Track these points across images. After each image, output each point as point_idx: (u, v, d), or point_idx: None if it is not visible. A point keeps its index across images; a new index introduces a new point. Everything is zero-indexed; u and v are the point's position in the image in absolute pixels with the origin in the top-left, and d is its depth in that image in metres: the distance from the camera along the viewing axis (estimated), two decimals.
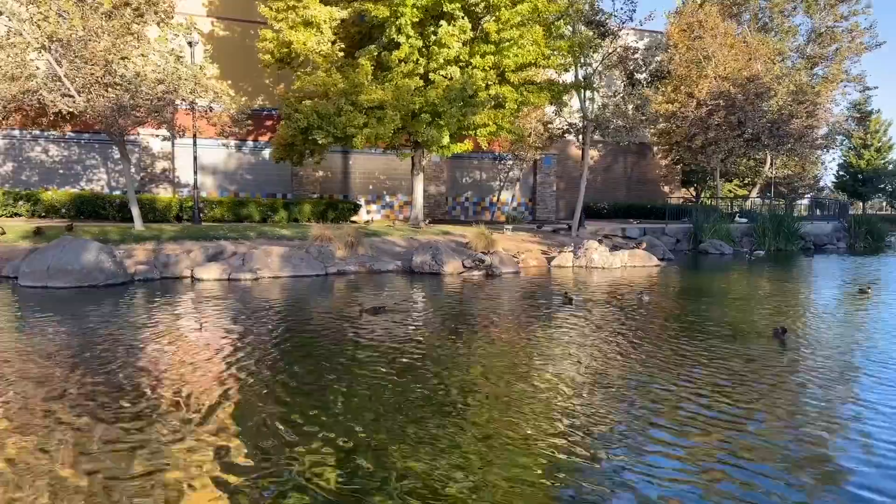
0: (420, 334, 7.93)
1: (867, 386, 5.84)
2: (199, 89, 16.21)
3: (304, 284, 12.55)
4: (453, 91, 18.13)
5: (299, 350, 7.02)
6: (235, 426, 4.60)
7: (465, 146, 20.39)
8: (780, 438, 4.51)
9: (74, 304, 9.83)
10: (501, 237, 18.77)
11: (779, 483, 3.79)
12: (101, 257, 11.95)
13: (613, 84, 26.35)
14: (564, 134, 25.34)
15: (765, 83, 26.33)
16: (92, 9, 14.73)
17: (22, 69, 14.47)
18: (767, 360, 6.73)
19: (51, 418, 4.68)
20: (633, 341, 7.55)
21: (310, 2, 18.27)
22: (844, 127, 41.25)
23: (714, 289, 13.15)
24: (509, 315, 9.57)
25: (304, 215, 22.36)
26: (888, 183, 52.73)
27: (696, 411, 5.03)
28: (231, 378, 5.80)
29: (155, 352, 6.77)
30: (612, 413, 4.99)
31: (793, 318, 9.31)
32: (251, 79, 25.20)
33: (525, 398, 5.32)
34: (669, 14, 33.73)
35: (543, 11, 18.94)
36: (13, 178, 22.61)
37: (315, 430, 4.52)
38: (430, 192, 27.39)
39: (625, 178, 35.30)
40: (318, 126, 18.27)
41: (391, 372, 6.05)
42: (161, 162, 23.84)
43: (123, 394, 5.28)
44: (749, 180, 40.07)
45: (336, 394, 5.37)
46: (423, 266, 14.62)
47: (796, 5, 36.07)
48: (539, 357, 6.85)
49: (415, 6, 17.82)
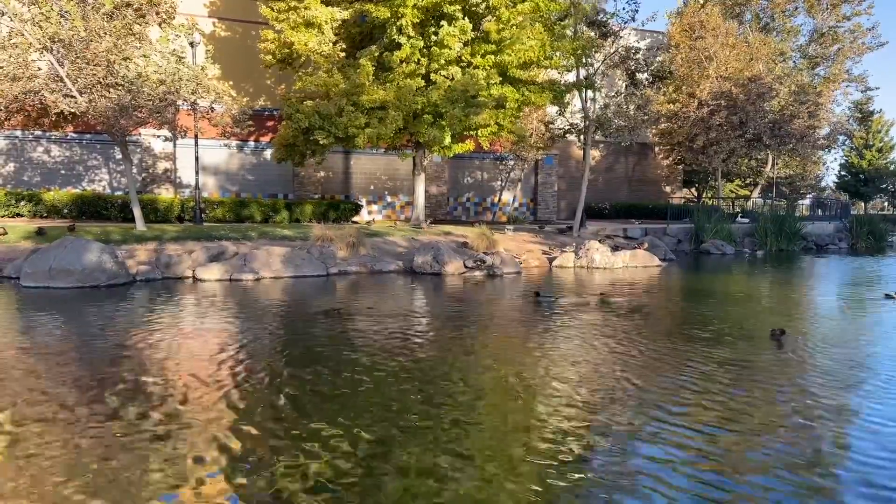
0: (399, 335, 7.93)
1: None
2: (201, 90, 16.22)
3: (306, 285, 12.55)
4: (455, 91, 18.13)
5: (299, 350, 7.01)
6: (235, 426, 4.60)
7: (467, 146, 20.39)
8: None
9: (76, 305, 9.84)
10: (503, 237, 18.76)
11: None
12: (102, 258, 11.96)
13: (615, 84, 26.32)
14: (566, 134, 25.32)
15: (766, 83, 26.31)
16: (93, 9, 14.75)
17: (24, 70, 14.49)
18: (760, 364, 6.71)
19: (50, 418, 4.68)
20: (623, 343, 7.52)
21: (311, 2, 18.28)
22: (846, 127, 41.23)
23: (718, 289, 13.13)
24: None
25: (306, 216, 22.36)
26: (890, 183, 52.63)
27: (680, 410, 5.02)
28: (230, 378, 5.80)
29: (154, 352, 6.77)
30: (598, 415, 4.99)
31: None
32: (252, 79, 25.23)
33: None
34: (671, 14, 33.76)
35: (544, 11, 18.93)
36: (15, 179, 22.64)
37: (316, 430, 4.51)
38: (432, 193, 27.39)
39: (626, 179, 35.28)
40: (319, 126, 18.28)
41: (389, 371, 6.06)
42: (163, 162, 23.86)
43: (123, 393, 5.28)
44: (751, 180, 40.04)
45: (336, 393, 5.37)
46: (425, 266, 14.62)
47: (798, 5, 36.05)
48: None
49: (415, 7, 17.83)
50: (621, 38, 22.51)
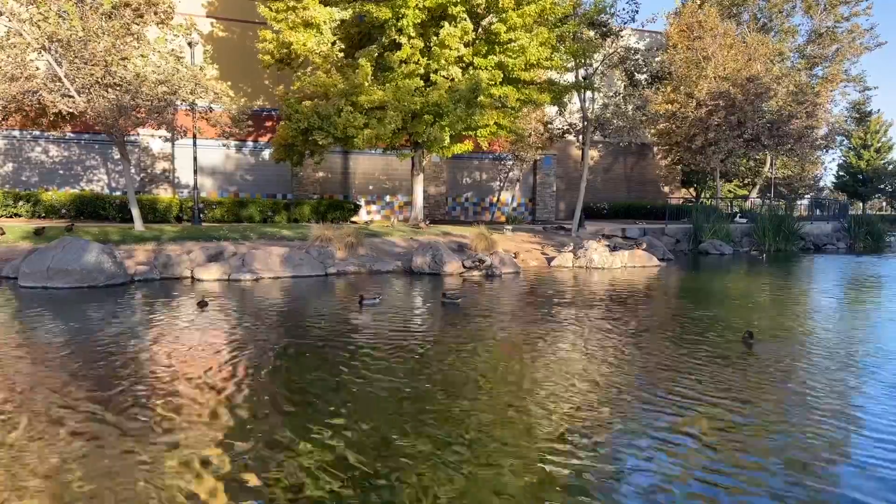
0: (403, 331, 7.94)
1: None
2: (199, 90, 16.21)
3: (305, 285, 12.54)
4: (458, 92, 18.11)
5: (298, 349, 7.01)
6: (235, 426, 4.60)
7: (466, 146, 20.39)
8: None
9: (74, 305, 9.82)
10: (502, 237, 18.76)
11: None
12: (101, 258, 11.94)
13: (614, 84, 26.35)
14: (564, 134, 25.34)
15: (764, 83, 26.34)
16: (92, 9, 14.74)
17: (22, 69, 14.48)
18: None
19: (49, 419, 4.68)
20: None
21: (309, 2, 18.27)
22: (844, 127, 41.31)
23: (716, 288, 13.14)
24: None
25: (305, 216, 22.35)
26: (888, 183, 52.77)
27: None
28: (229, 377, 5.80)
29: (154, 351, 6.76)
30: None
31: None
32: (251, 79, 25.22)
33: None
34: (669, 14, 33.77)
35: (549, 13, 18.91)
36: (13, 179, 22.62)
37: (314, 430, 4.52)
38: (430, 193, 27.40)
39: (625, 179, 35.31)
40: (318, 126, 18.27)
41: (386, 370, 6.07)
42: (161, 162, 23.85)
43: (122, 394, 5.28)
44: (749, 180, 40.11)
45: (334, 393, 5.37)
46: (423, 267, 14.62)
47: (795, 5, 36.13)
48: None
49: (417, 7, 17.80)
50: (621, 38, 22.53)
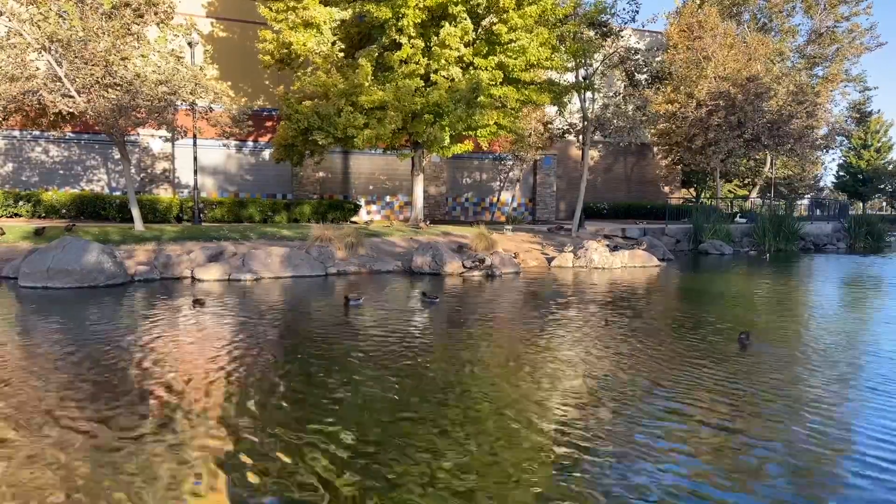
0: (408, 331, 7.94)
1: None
2: (200, 90, 16.21)
3: (305, 285, 12.54)
4: (458, 92, 18.10)
5: (298, 349, 7.01)
6: (234, 425, 4.60)
7: (466, 146, 20.38)
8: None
9: (74, 305, 9.82)
10: (502, 237, 18.76)
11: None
12: (101, 258, 11.95)
13: (614, 84, 26.35)
14: (565, 134, 25.33)
15: (764, 83, 26.34)
16: (92, 9, 14.74)
17: (22, 70, 14.47)
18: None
19: (49, 419, 4.68)
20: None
21: (309, 2, 18.27)
22: (844, 127, 41.30)
23: (716, 288, 13.14)
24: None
25: (305, 216, 22.35)
26: (888, 183, 52.75)
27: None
28: (228, 377, 5.80)
29: (154, 351, 6.76)
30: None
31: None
32: (251, 79, 25.21)
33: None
34: (669, 14, 33.77)
35: (550, 14, 18.90)
36: (13, 179, 22.61)
37: (314, 430, 4.52)
38: (431, 193, 27.40)
39: (625, 179, 35.31)
40: (318, 127, 18.27)
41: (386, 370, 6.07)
42: (161, 162, 23.85)
43: (122, 393, 5.28)
44: (749, 181, 40.12)
45: (335, 393, 5.37)
46: (424, 267, 14.62)
47: (796, 5, 36.11)
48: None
49: (417, 7, 17.79)
50: (621, 38, 22.53)
